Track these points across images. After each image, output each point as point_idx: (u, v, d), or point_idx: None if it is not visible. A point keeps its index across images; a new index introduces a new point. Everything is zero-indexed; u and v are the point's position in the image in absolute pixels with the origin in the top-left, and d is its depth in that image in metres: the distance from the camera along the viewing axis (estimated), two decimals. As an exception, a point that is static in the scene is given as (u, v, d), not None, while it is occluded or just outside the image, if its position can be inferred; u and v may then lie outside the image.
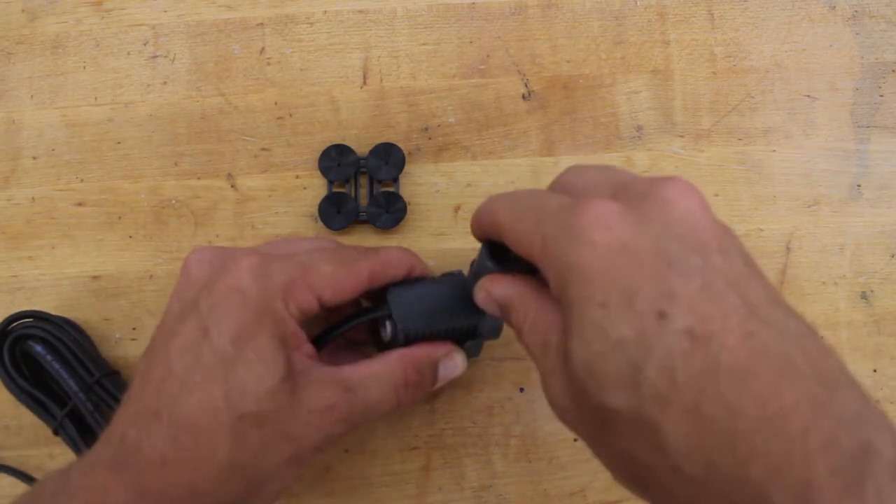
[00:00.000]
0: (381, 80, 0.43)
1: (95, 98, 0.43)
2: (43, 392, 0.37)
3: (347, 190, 0.41)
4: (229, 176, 0.42)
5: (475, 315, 0.33)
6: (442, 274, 0.35)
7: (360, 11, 0.44)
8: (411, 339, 0.32)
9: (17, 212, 0.41)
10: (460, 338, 0.34)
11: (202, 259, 0.30)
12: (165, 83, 0.43)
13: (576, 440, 0.39)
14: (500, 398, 0.39)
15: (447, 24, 0.43)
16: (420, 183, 0.42)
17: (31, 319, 0.38)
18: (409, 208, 0.41)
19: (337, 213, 0.40)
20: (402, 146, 0.41)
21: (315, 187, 0.41)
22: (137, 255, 0.41)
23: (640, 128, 0.42)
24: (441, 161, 0.42)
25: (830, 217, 0.41)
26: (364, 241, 0.41)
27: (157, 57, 0.43)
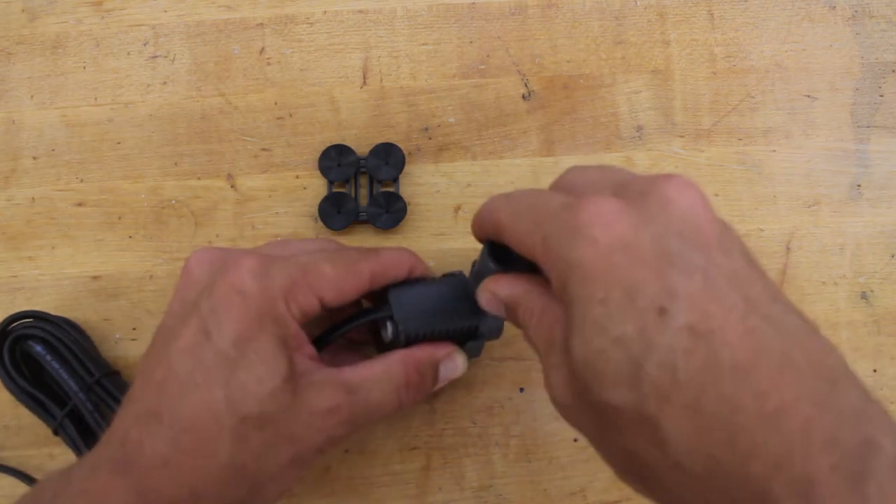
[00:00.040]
0: (381, 80, 0.43)
1: (95, 98, 0.43)
2: (43, 392, 0.37)
3: (347, 190, 0.41)
4: (229, 176, 0.42)
5: (476, 316, 0.33)
6: (442, 275, 0.35)
7: (360, 11, 0.43)
8: (412, 340, 0.32)
9: (17, 212, 0.41)
10: (461, 338, 0.34)
11: (203, 260, 0.30)
12: (165, 83, 0.43)
13: (576, 440, 0.39)
14: (500, 398, 0.39)
15: (447, 24, 0.43)
16: (420, 183, 0.42)
17: (31, 319, 0.38)
18: (409, 208, 0.41)
19: (337, 214, 0.40)
20: (402, 146, 0.41)
21: (315, 187, 0.41)
22: (137, 255, 0.41)
23: (640, 128, 0.42)
24: (441, 161, 0.42)
25: (830, 217, 0.41)
26: (364, 242, 0.41)
27: (157, 57, 0.43)
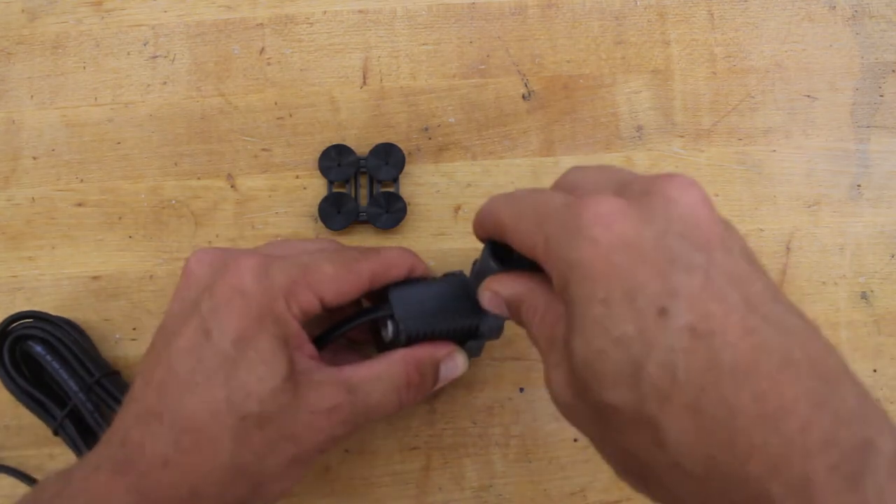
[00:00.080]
0: (381, 80, 0.43)
1: (95, 98, 0.43)
2: (43, 392, 0.37)
3: (347, 190, 0.41)
4: (229, 176, 0.42)
5: (476, 315, 0.33)
6: (443, 274, 0.35)
7: (360, 11, 0.44)
8: (413, 340, 0.32)
9: (17, 212, 0.41)
10: (461, 338, 0.34)
11: (203, 260, 0.30)
12: (165, 83, 0.43)
13: (576, 440, 0.39)
14: (500, 398, 0.39)
15: (447, 24, 0.43)
16: (420, 183, 0.42)
17: (31, 319, 0.38)
18: (409, 208, 0.41)
19: (337, 214, 0.40)
20: (402, 146, 0.41)
21: (315, 187, 0.41)
22: (137, 255, 0.41)
23: (640, 128, 0.42)
24: (441, 161, 0.42)
25: (830, 217, 0.41)
26: (364, 242, 0.41)
27: (157, 57, 0.43)
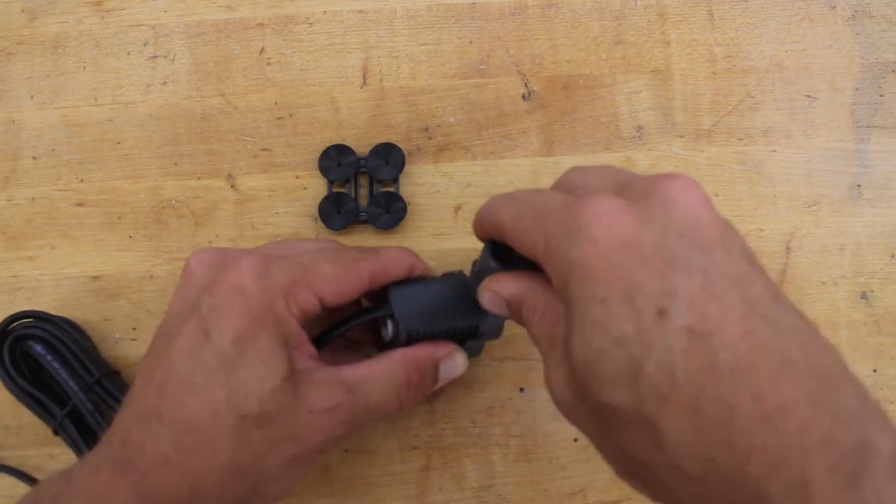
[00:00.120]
0: (381, 80, 0.43)
1: (95, 98, 0.43)
2: (43, 392, 0.37)
3: (347, 190, 0.41)
4: (229, 176, 0.42)
5: (476, 315, 0.33)
6: (443, 274, 0.35)
7: (360, 11, 0.44)
8: (413, 339, 0.32)
9: (17, 212, 0.41)
10: (461, 337, 0.34)
11: (203, 260, 0.30)
12: (165, 83, 0.43)
13: (576, 440, 0.39)
14: (500, 398, 0.39)
15: (447, 24, 0.43)
16: (420, 183, 0.42)
17: (31, 319, 0.38)
18: (409, 208, 0.41)
19: (337, 213, 0.40)
20: (402, 146, 0.41)
21: (315, 187, 0.41)
22: (137, 255, 0.41)
23: (640, 128, 0.42)
24: (441, 161, 0.42)
25: (830, 217, 0.41)
26: (364, 241, 0.41)
27: (157, 57, 0.43)
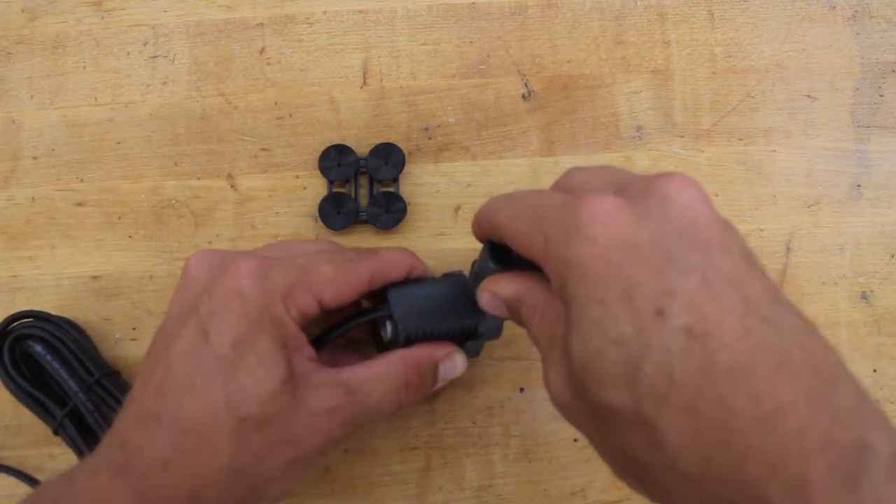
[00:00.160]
0: (381, 80, 0.43)
1: (95, 98, 0.43)
2: (43, 392, 0.37)
3: (347, 190, 0.41)
4: (229, 176, 0.42)
5: (476, 315, 0.33)
6: (442, 274, 0.35)
7: (360, 11, 0.44)
8: (412, 340, 0.32)
9: (17, 212, 0.41)
10: (461, 338, 0.34)
11: (202, 262, 0.30)
12: (165, 83, 0.43)
13: (576, 440, 0.39)
14: (500, 398, 0.39)
15: (447, 24, 0.43)
16: (420, 183, 0.42)
17: (31, 319, 0.38)
18: (409, 208, 0.41)
19: (337, 213, 0.40)
20: (402, 146, 0.41)
21: (315, 187, 0.41)
22: (137, 255, 0.41)
23: (640, 128, 0.42)
24: (441, 161, 0.42)
25: (830, 217, 0.41)
26: (364, 242, 0.41)
27: (157, 57, 0.43)
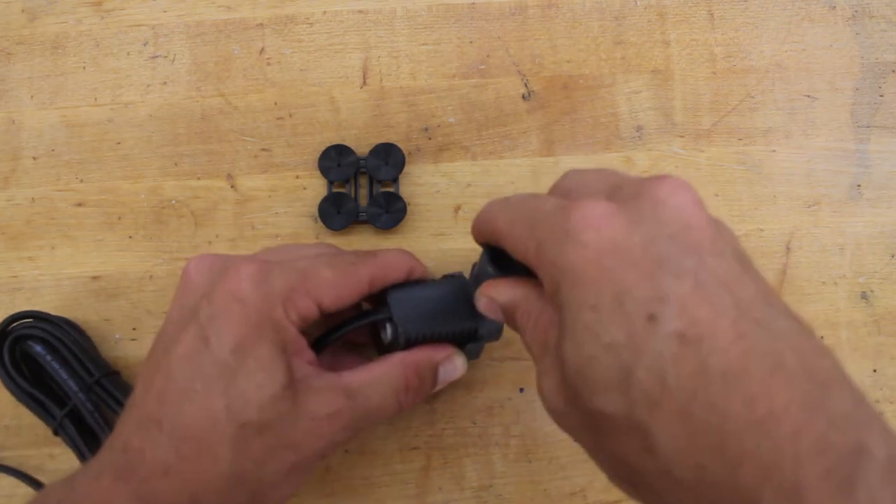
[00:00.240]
0: (381, 80, 0.43)
1: (95, 98, 0.43)
2: (43, 392, 0.37)
3: (347, 190, 0.41)
4: (229, 176, 0.42)
5: (476, 317, 0.32)
6: (442, 276, 0.35)
7: (360, 11, 0.43)
8: (412, 342, 0.32)
9: (17, 212, 0.41)
10: (461, 340, 0.34)
11: (202, 266, 0.30)
12: (165, 83, 0.43)
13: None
14: (500, 398, 0.39)
15: (447, 24, 0.43)
16: (420, 183, 0.42)
17: (31, 319, 0.38)
18: (409, 208, 0.41)
19: (337, 214, 0.40)
20: (402, 146, 0.41)
21: (315, 187, 0.41)
22: (137, 255, 0.41)
23: (640, 128, 0.42)
24: (441, 161, 0.42)
25: (830, 217, 0.41)
26: (364, 242, 0.41)
27: (157, 57, 0.43)
